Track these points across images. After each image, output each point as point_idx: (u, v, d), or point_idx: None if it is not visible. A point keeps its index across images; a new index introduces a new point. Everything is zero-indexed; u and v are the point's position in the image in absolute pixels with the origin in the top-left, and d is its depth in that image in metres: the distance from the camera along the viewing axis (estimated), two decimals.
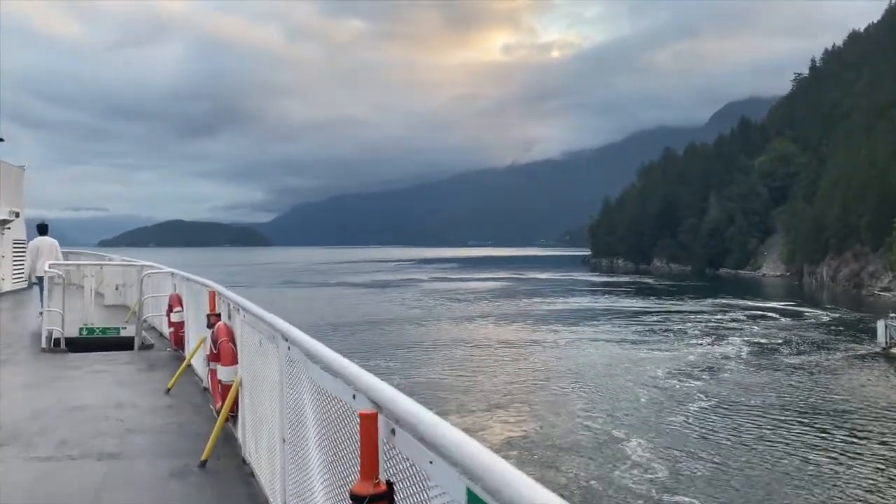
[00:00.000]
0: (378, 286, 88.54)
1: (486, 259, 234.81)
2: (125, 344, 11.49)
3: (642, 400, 24.96)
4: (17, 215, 21.54)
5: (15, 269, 21.92)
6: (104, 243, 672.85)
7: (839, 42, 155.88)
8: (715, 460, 18.39)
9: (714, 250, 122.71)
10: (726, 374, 29.21)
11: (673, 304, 60.40)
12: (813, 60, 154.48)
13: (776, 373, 29.32)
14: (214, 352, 5.82)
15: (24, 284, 21.82)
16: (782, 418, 22.27)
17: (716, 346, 36.32)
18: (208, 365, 6.50)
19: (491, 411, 23.03)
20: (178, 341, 10.26)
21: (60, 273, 11.28)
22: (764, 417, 22.42)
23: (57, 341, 10.96)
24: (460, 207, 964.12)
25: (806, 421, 21.90)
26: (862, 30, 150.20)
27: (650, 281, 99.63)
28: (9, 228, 21.13)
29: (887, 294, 69.24)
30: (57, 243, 17.48)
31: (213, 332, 5.98)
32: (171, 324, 10.54)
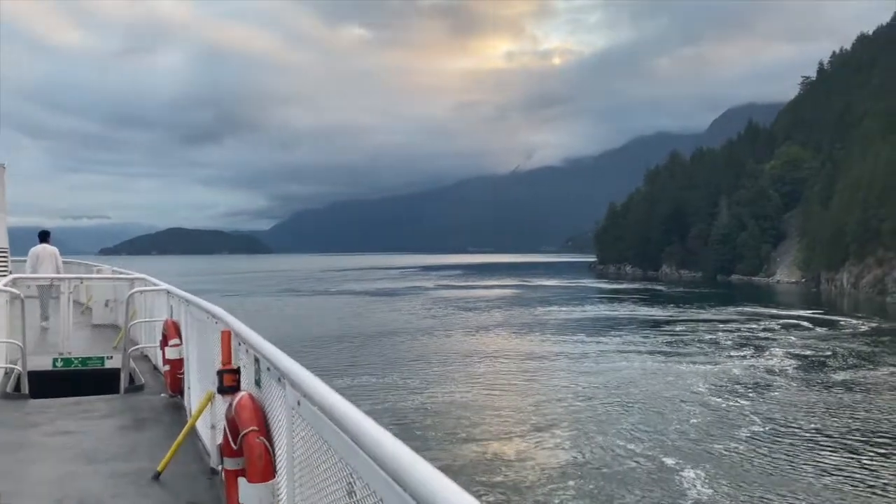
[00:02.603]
0: (384, 294, 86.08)
1: (490, 265, 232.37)
2: (110, 379, 9.03)
3: (692, 421, 22.52)
4: None
5: None
6: (105, 251, 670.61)
7: (841, 45, 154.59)
8: (784, 498, 15.94)
9: (725, 256, 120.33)
10: (776, 393, 26.72)
11: (695, 313, 57.81)
12: (821, 63, 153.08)
13: (832, 390, 26.82)
14: (233, 447, 3.26)
15: None
16: (854, 443, 19.79)
17: (757, 358, 33.80)
18: (221, 461, 3.77)
19: (532, 434, 20.58)
20: (175, 385, 7.61)
21: (16, 292, 8.41)
22: (831, 442, 19.94)
23: (17, 382, 8.29)
24: (462, 214, 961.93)
25: (882, 447, 19.40)
26: (871, 32, 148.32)
27: (662, 288, 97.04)
28: None
29: None
30: (57, 251, 16.23)
31: (230, 409, 3.39)
32: (166, 360, 7.76)
